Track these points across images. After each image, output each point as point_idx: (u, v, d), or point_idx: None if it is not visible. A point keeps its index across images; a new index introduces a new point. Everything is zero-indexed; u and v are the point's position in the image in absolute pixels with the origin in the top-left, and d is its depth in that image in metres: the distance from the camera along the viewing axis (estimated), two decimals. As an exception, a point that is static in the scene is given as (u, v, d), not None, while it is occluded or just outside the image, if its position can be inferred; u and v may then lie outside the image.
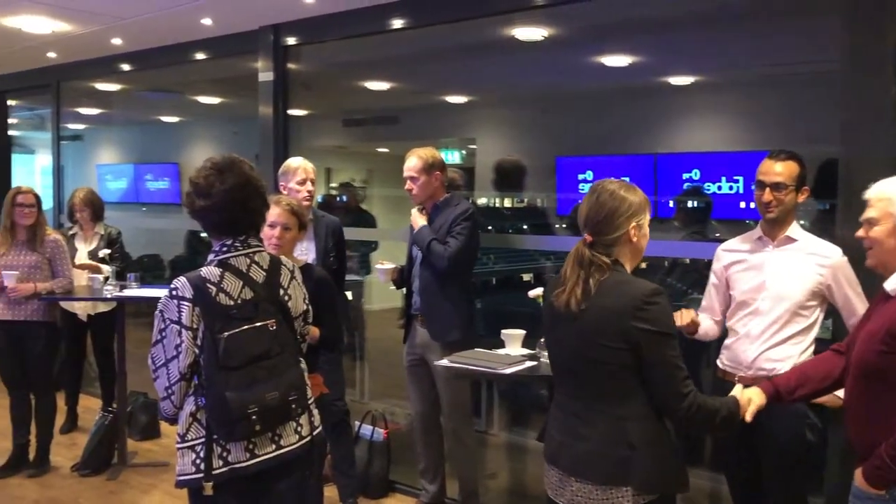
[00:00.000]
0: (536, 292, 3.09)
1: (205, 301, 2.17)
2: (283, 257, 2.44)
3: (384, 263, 4.00)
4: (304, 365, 2.38)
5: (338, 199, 6.32)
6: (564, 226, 4.53)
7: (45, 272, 4.58)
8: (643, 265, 4.30)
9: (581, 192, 4.28)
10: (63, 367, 5.55)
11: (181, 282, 2.20)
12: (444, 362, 3.04)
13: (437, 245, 3.70)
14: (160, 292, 4.78)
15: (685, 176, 4.05)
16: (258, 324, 2.21)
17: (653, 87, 4.22)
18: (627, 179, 2.29)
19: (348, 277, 4.66)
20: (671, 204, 4.09)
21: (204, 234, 6.59)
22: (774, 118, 3.73)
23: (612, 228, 2.12)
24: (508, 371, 2.81)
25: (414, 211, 3.86)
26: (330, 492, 3.97)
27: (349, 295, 5.17)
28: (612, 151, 4.37)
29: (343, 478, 4.03)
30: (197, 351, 2.17)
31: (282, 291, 2.32)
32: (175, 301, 2.17)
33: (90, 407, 5.73)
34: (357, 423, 4.39)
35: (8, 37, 5.54)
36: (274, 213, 2.99)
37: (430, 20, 4.42)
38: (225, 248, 2.28)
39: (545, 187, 4.76)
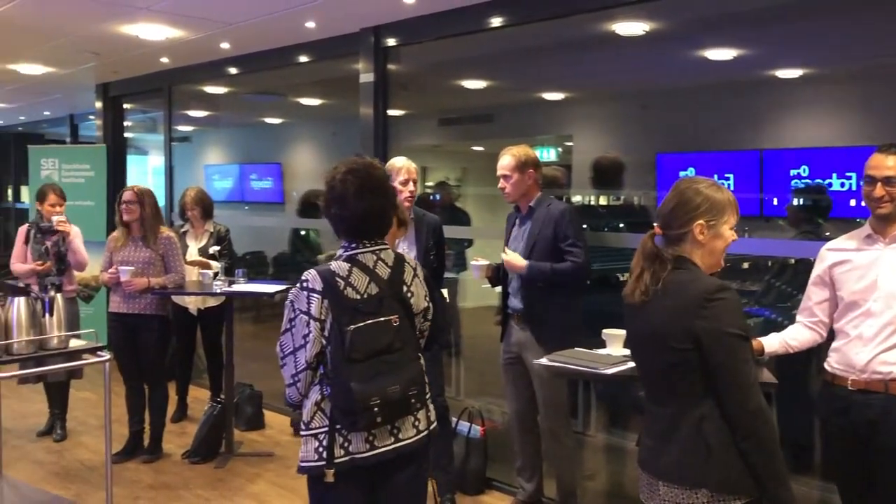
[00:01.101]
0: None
1: (333, 294, 2.24)
2: (406, 255, 2.49)
3: (479, 260, 4.01)
4: (422, 361, 2.42)
5: (431, 197, 6.38)
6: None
7: (158, 267, 4.80)
8: (745, 265, 4.18)
9: (683, 189, 4.19)
10: (174, 358, 5.82)
11: (311, 274, 2.27)
12: (544, 361, 3.02)
13: (563, 265, 3.68)
14: (267, 288, 5.01)
15: (793, 172, 3.90)
16: (382, 319, 2.27)
17: (759, 81, 4.08)
18: (715, 179, 2.22)
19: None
20: (775, 202, 3.95)
21: (304, 232, 6.81)
22: (889, 111, 3.55)
23: (677, 223, 2.09)
24: (610, 371, 2.76)
25: (510, 254, 3.82)
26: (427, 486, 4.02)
27: (444, 292, 5.22)
28: (716, 147, 4.25)
29: (441, 473, 4.06)
30: (324, 342, 2.24)
31: (405, 288, 2.38)
32: (305, 293, 2.25)
33: (199, 397, 5.99)
34: (454, 419, 4.43)
35: (126, 44, 5.85)
36: None
37: (529, 17, 4.41)
38: (354, 245, 2.35)
39: (644, 185, 4.67)
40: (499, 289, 4.09)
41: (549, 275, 3.71)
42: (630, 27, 4.26)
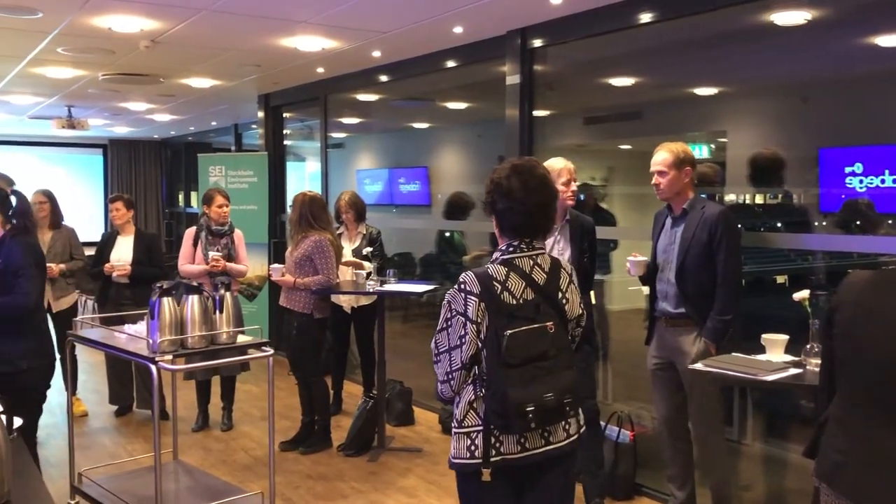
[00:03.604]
0: (803, 295, 2.89)
1: (490, 298, 2.25)
2: (562, 260, 2.48)
3: (637, 256, 3.89)
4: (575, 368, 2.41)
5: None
6: (825, 223, 4.19)
7: (307, 268, 4.98)
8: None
9: (849, 186, 3.93)
10: (329, 355, 6.10)
11: (469, 277, 2.29)
12: (699, 366, 2.94)
13: (720, 302, 3.56)
14: (416, 288, 5.15)
15: (979, 168, 3.58)
16: (538, 325, 2.27)
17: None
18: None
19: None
20: None
21: (449, 234, 6.92)
22: None
23: None
24: (771, 378, 2.66)
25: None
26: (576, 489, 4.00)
27: (591, 295, 5.17)
28: (886, 141, 3.96)
29: (590, 477, 4.03)
30: (479, 344, 2.26)
31: (560, 294, 2.36)
32: (462, 294, 2.27)
33: (353, 392, 6.25)
34: (602, 423, 4.38)
35: (285, 56, 6.18)
36: None
37: (679, 12, 4.28)
38: (511, 249, 2.35)
39: (804, 182, 4.42)
40: (646, 290, 4.00)
41: (722, 324, 3.57)
42: (789, 16, 4.05)
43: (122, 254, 5.69)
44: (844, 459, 1.97)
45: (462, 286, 2.29)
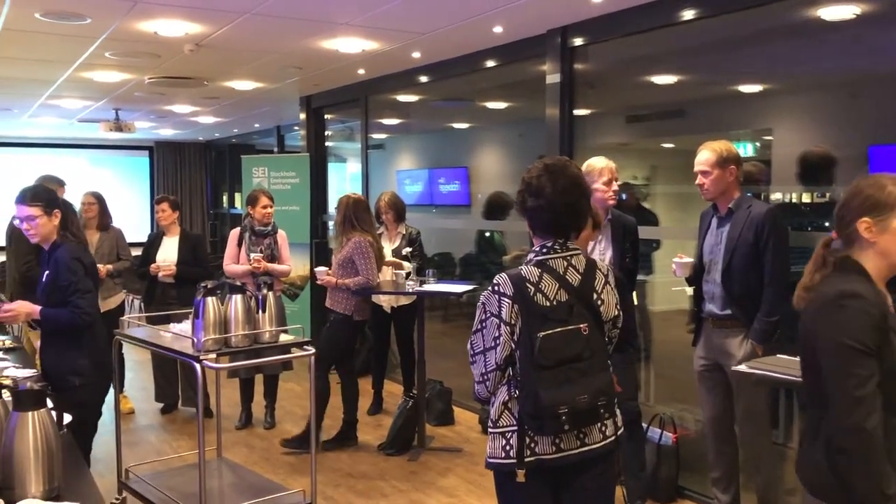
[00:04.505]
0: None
1: (524, 300, 2.25)
2: (599, 261, 2.46)
3: (683, 257, 3.85)
4: (611, 369, 2.39)
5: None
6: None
7: (349, 269, 5.03)
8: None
9: (900, 184, 3.83)
10: (370, 354, 6.13)
11: (503, 279, 2.29)
12: (743, 368, 2.89)
13: (766, 304, 3.49)
14: (455, 288, 5.15)
15: None
16: (572, 327, 2.26)
17: None
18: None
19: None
20: None
21: (489, 234, 6.91)
22: None
23: (842, 223, 1.98)
24: (817, 380, 2.60)
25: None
26: (617, 492, 3.96)
27: (634, 295, 5.11)
28: (941, 138, 3.85)
29: (631, 479, 3.99)
30: (513, 346, 2.27)
31: (595, 296, 2.34)
32: (496, 296, 2.28)
33: (393, 392, 6.27)
34: (644, 425, 4.33)
35: (326, 58, 6.23)
36: None
37: (722, 8, 4.22)
38: (545, 250, 2.34)
39: (853, 180, 4.32)
40: (690, 291, 3.94)
41: (769, 325, 3.51)
42: (837, 11, 3.96)
43: (168, 254, 5.79)
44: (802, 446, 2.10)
45: (496, 288, 2.29)
